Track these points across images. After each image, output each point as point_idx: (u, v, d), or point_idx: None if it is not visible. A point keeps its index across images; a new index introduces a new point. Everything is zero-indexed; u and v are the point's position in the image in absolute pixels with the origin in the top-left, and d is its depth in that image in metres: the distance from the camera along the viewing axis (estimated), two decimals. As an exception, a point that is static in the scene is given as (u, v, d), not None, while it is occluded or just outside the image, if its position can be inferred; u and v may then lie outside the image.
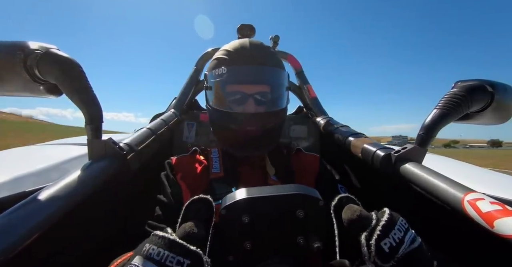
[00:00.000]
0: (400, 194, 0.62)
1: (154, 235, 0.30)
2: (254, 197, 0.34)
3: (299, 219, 0.34)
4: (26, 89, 0.47)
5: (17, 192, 0.48)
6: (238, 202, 0.34)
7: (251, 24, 1.10)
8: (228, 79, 0.58)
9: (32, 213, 0.33)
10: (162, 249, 0.28)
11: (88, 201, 0.43)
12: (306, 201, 0.34)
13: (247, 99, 0.57)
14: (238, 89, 0.58)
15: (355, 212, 0.33)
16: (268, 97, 0.59)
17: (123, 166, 0.54)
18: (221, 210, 0.34)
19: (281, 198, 0.34)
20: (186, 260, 0.28)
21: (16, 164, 0.71)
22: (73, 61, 0.46)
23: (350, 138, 0.77)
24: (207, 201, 0.35)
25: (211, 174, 0.59)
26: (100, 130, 0.51)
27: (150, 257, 0.28)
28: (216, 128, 0.64)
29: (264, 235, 0.34)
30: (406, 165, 0.54)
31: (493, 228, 0.34)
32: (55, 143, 1.04)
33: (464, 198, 0.40)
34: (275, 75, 0.61)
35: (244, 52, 0.59)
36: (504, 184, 0.69)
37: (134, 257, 0.29)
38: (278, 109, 0.61)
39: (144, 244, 0.30)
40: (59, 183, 0.40)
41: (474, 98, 0.52)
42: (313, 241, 0.33)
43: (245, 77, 0.58)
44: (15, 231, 0.30)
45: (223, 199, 0.36)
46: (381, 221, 0.31)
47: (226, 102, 0.59)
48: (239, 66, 0.58)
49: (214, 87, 0.60)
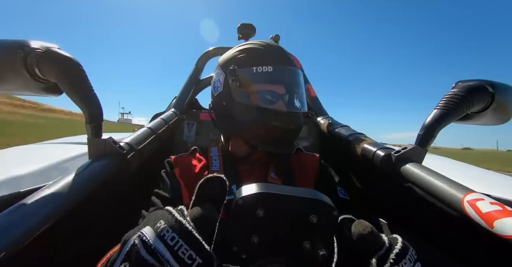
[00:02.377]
0: (400, 194, 0.62)
1: (170, 213, 0.29)
2: (273, 193, 0.34)
3: (310, 224, 0.34)
4: (26, 88, 0.47)
5: (17, 191, 0.48)
6: (256, 195, 0.33)
7: (252, 24, 1.10)
8: (273, 78, 0.59)
9: (32, 212, 0.33)
10: (177, 236, 0.27)
11: (88, 200, 0.43)
12: (322, 208, 0.34)
13: (280, 99, 0.60)
14: (275, 89, 0.60)
15: (367, 228, 0.33)
16: (299, 98, 0.63)
17: (123, 165, 0.54)
18: (237, 199, 0.34)
19: (299, 199, 0.34)
20: (198, 258, 0.27)
21: (16, 163, 0.70)
22: (73, 60, 0.46)
23: (350, 137, 0.77)
24: (222, 180, 0.34)
25: (211, 172, 0.59)
26: (100, 129, 0.51)
27: (163, 238, 0.27)
28: (249, 125, 0.62)
29: (274, 232, 0.34)
30: (406, 165, 0.54)
31: (493, 228, 0.34)
32: (55, 142, 1.04)
33: (464, 198, 0.40)
34: (302, 77, 0.65)
35: (283, 53, 0.62)
36: (504, 184, 0.69)
37: (145, 226, 0.28)
38: (305, 111, 0.65)
39: (158, 217, 0.28)
40: (59, 182, 0.40)
41: (475, 98, 0.52)
42: (320, 248, 0.33)
43: (287, 77, 0.61)
44: (15, 230, 0.30)
45: (241, 189, 0.35)
46: (395, 248, 0.32)
47: (262, 100, 0.60)
48: (284, 66, 0.60)
49: (251, 83, 0.60)
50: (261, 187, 0.34)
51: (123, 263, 0.26)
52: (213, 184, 0.34)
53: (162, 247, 0.26)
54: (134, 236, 0.28)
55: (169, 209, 0.29)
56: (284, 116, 0.59)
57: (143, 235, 0.27)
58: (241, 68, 0.60)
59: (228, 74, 0.61)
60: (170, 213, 0.29)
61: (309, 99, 1.12)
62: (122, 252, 0.27)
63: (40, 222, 0.33)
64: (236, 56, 0.63)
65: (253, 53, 0.61)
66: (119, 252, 0.28)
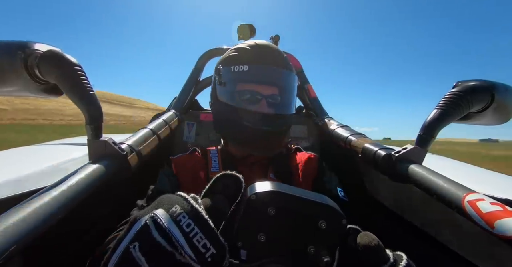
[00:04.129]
0: (400, 194, 0.62)
1: (186, 200, 0.28)
2: (287, 193, 0.34)
3: (318, 229, 0.33)
4: (26, 89, 0.47)
5: (17, 192, 0.48)
6: (270, 193, 0.33)
7: (252, 24, 1.10)
8: (248, 77, 0.58)
9: (32, 213, 0.33)
10: (193, 223, 0.26)
11: (88, 200, 0.43)
12: (332, 215, 0.34)
13: (261, 100, 0.58)
14: (255, 88, 0.58)
15: (373, 241, 0.33)
16: (282, 100, 0.60)
17: (123, 166, 0.54)
18: (251, 195, 0.33)
19: (311, 203, 0.34)
20: (212, 248, 0.26)
21: (16, 164, 0.70)
22: (73, 61, 0.46)
23: (350, 137, 0.77)
24: (238, 179, 0.33)
25: (210, 172, 0.59)
26: (100, 130, 0.51)
27: (179, 223, 0.25)
28: (225, 124, 0.63)
29: (280, 233, 0.34)
30: (407, 165, 0.54)
31: (493, 228, 0.34)
32: (55, 143, 1.04)
33: (465, 198, 0.40)
34: (291, 79, 0.63)
35: (266, 53, 0.59)
36: (505, 184, 0.69)
37: (157, 208, 0.26)
38: (290, 114, 0.63)
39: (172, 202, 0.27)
40: (60, 183, 0.40)
41: (475, 98, 0.52)
42: (324, 254, 0.33)
43: (266, 78, 0.59)
44: (15, 231, 0.30)
45: (254, 184, 0.35)
46: (399, 265, 0.32)
47: (240, 100, 0.59)
48: (262, 65, 0.58)
49: (230, 82, 0.59)
50: (276, 186, 0.34)
51: (133, 243, 0.25)
52: (229, 180, 0.33)
53: (177, 232, 0.25)
54: (146, 216, 0.26)
55: (183, 195, 0.28)
56: (257, 117, 0.57)
57: (156, 217, 0.26)
58: (224, 67, 0.61)
59: (215, 73, 0.62)
60: (186, 199, 0.28)
61: (309, 100, 1.11)
62: (131, 231, 0.26)
63: (41, 223, 0.33)
64: (225, 56, 0.63)
65: (236, 52, 0.61)
66: (127, 231, 0.27)
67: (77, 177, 0.42)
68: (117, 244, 0.26)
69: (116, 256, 0.25)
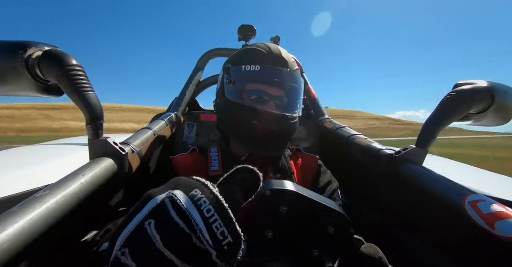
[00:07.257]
0: (400, 195, 0.62)
1: (206, 186, 0.27)
2: (302, 194, 0.34)
3: (325, 234, 0.34)
4: (27, 89, 0.47)
5: (17, 192, 0.48)
6: (285, 191, 0.33)
7: (252, 25, 1.10)
8: (259, 77, 0.58)
9: (33, 213, 0.33)
10: (213, 209, 0.25)
11: (88, 201, 0.43)
12: (341, 221, 0.34)
13: (270, 101, 0.59)
14: (265, 89, 0.59)
15: (378, 253, 0.33)
16: (289, 102, 0.61)
17: (124, 166, 0.54)
18: (265, 191, 0.33)
19: (324, 208, 0.34)
20: (229, 237, 0.25)
21: (16, 163, 0.70)
22: (74, 61, 0.46)
23: (350, 138, 0.78)
24: (257, 175, 0.32)
25: (210, 172, 0.59)
26: (101, 130, 0.51)
27: (199, 207, 0.25)
28: (232, 122, 0.62)
29: (288, 232, 0.34)
30: (407, 166, 0.54)
31: (494, 229, 0.34)
32: (55, 143, 1.04)
33: (465, 199, 0.40)
34: (299, 82, 0.64)
35: (278, 55, 0.60)
36: (505, 185, 0.69)
37: (175, 189, 0.26)
38: (297, 115, 0.64)
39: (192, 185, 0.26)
40: (60, 183, 0.40)
41: (475, 99, 0.52)
42: (328, 259, 0.33)
43: (276, 79, 0.59)
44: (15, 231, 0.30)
45: (270, 181, 0.35)
46: None
47: (249, 99, 0.59)
48: (274, 66, 0.59)
49: (239, 81, 0.60)
50: (291, 185, 0.34)
51: (148, 220, 0.24)
52: (249, 174, 0.32)
53: (197, 216, 0.24)
54: (162, 195, 0.26)
55: (201, 180, 0.27)
56: (266, 116, 0.57)
57: (175, 197, 0.25)
58: (234, 66, 0.61)
59: (223, 72, 0.62)
60: (206, 185, 0.27)
61: (309, 101, 1.12)
62: (146, 208, 0.25)
63: (40, 223, 0.33)
64: (234, 55, 0.64)
65: (248, 53, 0.62)
66: (139, 207, 0.26)
67: (77, 176, 0.42)
68: (127, 219, 0.25)
69: (128, 230, 0.24)
